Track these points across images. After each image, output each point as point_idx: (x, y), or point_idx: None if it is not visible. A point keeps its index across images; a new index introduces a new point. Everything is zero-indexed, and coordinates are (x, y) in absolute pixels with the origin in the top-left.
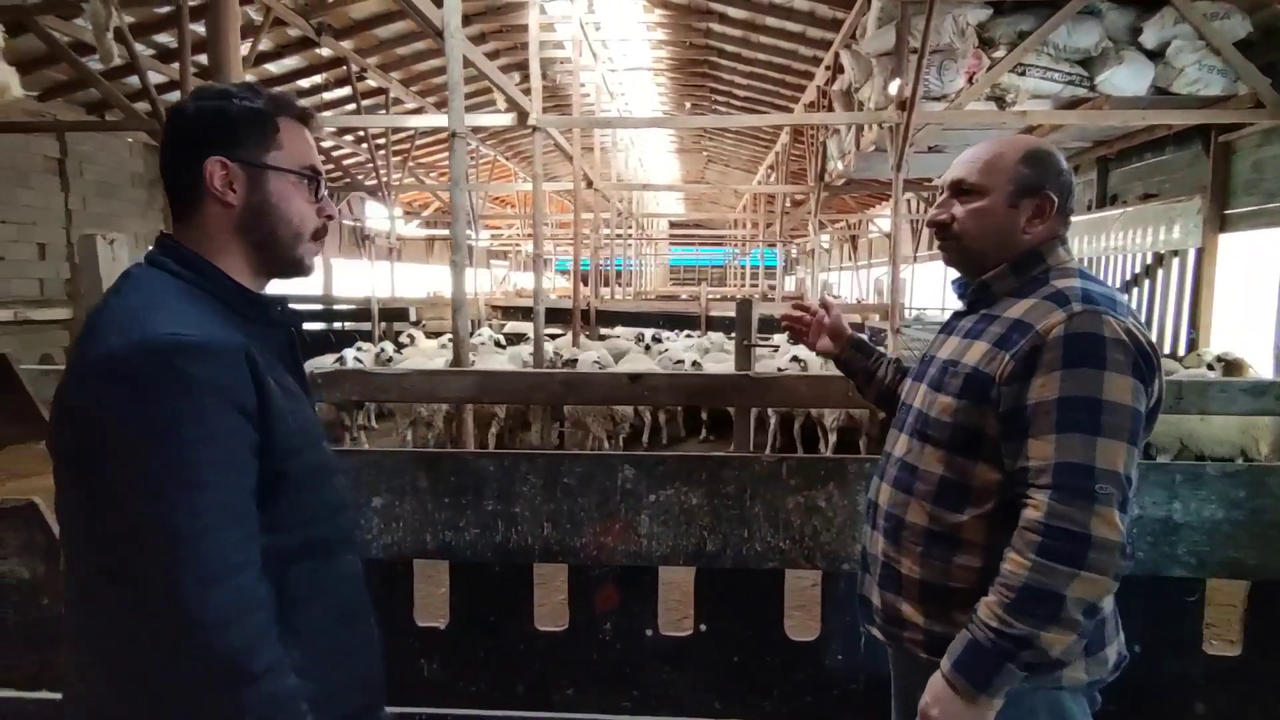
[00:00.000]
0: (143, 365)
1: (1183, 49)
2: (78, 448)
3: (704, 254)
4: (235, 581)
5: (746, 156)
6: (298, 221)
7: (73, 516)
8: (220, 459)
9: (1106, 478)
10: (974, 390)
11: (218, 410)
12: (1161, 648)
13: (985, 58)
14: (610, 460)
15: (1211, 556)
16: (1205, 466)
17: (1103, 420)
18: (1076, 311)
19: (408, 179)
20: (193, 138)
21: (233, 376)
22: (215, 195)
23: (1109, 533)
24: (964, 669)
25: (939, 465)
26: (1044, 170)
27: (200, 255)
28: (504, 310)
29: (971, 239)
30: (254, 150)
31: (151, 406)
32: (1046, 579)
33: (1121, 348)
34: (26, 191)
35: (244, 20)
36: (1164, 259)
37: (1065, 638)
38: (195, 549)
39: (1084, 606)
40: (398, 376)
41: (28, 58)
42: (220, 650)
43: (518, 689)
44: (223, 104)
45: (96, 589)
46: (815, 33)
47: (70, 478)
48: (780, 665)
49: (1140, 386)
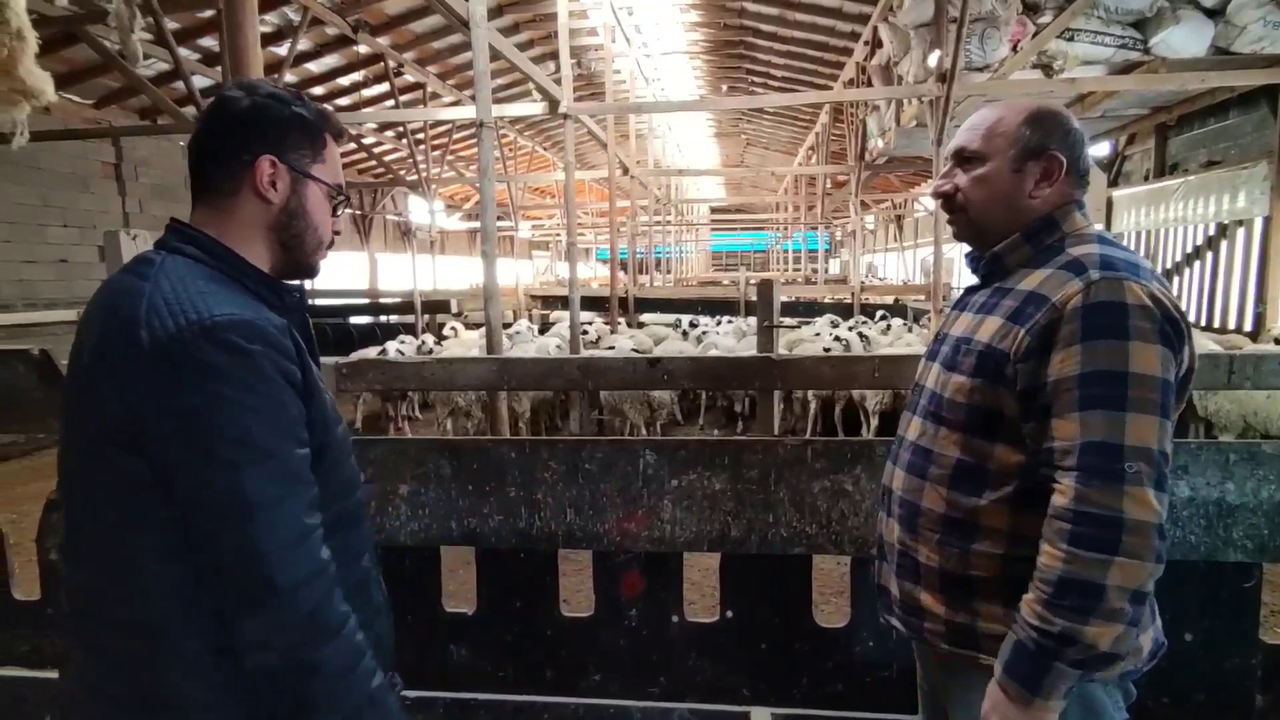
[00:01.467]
0: (205, 346)
1: (1245, 4)
2: (138, 430)
3: (746, 239)
4: (309, 544)
5: (786, 138)
6: (323, 230)
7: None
8: (284, 430)
9: (1137, 455)
10: (988, 368)
11: (276, 385)
12: (1216, 637)
13: (1030, 24)
14: (631, 446)
15: (1271, 540)
16: (1262, 445)
17: (1130, 394)
18: (1095, 280)
19: (447, 173)
20: (247, 132)
21: (283, 354)
22: (259, 190)
23: (1143, 513)
24: (1014, 673)
25: (955, 448)
26: (1048, 130)
27: (221, 243)
28: (543, 300)
29: (977, 208)
30: (302, 157)
31: (217, 384)
32: (1082, 569)
33: (1146, 314)
34: (86, 196)
35: (283, 20)
36: (1228, 229)
37: (1112, 629)
38: (271, 516)
39: (1128, 594)
40: (417, 365)
41: (82, 67)
42: (304, 608)
43: (545, 674)
44: (280, 107)
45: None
46: (852, 7)
47: (120, 462)
48: (810, 652)
49: (1169, 354)
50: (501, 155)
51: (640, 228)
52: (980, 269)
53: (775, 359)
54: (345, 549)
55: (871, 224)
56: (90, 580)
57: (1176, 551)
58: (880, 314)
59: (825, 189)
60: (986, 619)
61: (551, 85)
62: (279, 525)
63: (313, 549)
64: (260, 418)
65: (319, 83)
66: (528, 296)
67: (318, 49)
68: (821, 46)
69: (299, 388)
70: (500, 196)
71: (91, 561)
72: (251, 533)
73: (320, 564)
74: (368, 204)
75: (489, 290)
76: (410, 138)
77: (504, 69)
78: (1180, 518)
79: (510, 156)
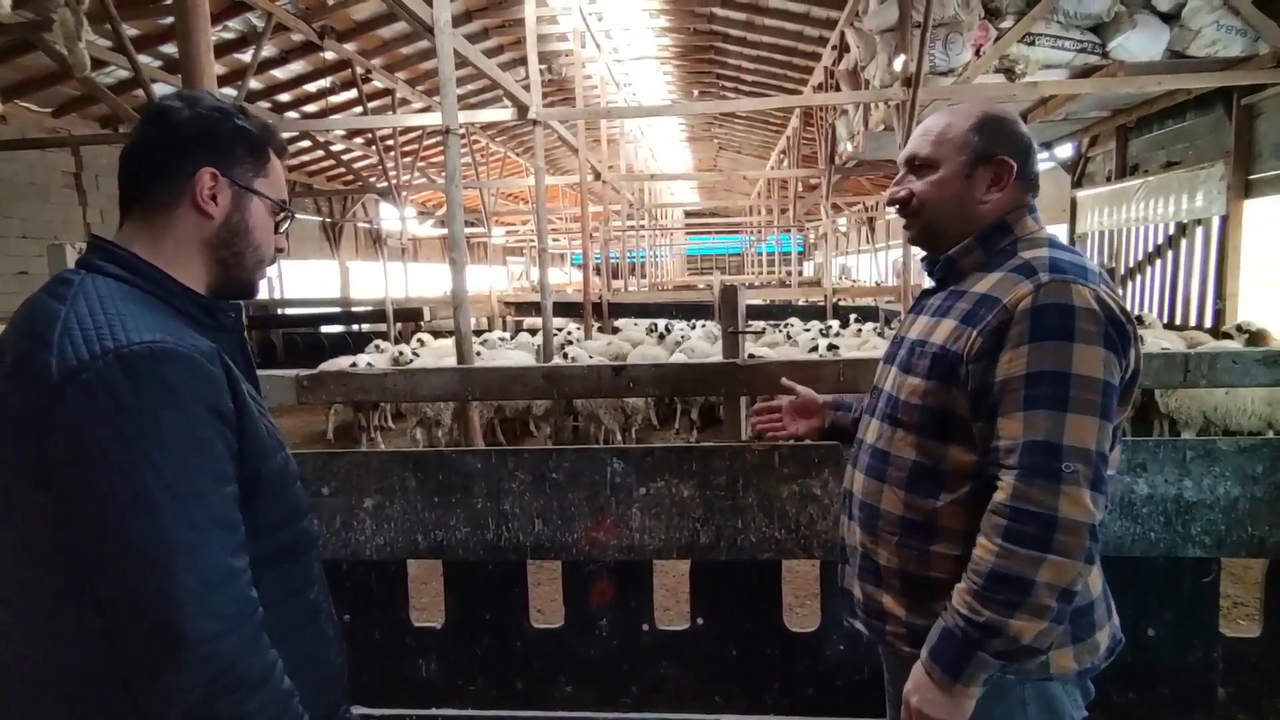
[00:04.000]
0: (122, 376)
1: (1199, 9)
2: (46, 464)
3: (720, 242)
4: (230, 589)
5: (758, 142)
6: (264, 248)
7: (21, 537)
8: (209, 467)
9: (1074, 455)
10: (942, 370)
11: (202, 418)
12: (1177, 631)
13: (992, 29)
14: (598, 454)
15: (1228, 535)
16: (1218, 442)
17: (1071, 395)
18: (1044, 282)
19: (418, 179)
20: (187, 143)
21: (210, 382)
22: (198, 204)
23: (1077, 514)
24: (938, 657)
25: (911, 450)
26: (996, 136)
27: (143, 259)
28: (516, 306)
29: (931, 213)
30: (245, 172)
31: (136, 417)
32: (1013, 564)
33: (1091, 317)
34: (46, 206)
35: (246, 27)
36: (1187, 228)
37: (1035, 625)
38: (186, 561)
39: (1055, 592)
40: (379, 377)
41: (39, 74)
42: (223, 659)
43: (516, 687)
44: (222, 119)
45: (61, 610)
46: (820, 12)
47: (25, 496)
48: (780, 657)
49: (1113, 357)
50: (473, 161)
51: (614, 233)
52: (935, 272)
53: (740, 364)
54: (287, 581)
55: (844, 226)
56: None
57: (1137, 548)
58: (853, 316)
59: (797, 192)
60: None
61: (520, 91)
62: (194, 571)
63: (234, 594)
64: (177, 455)
65: (285, 89)
66: (501, 303)
67: (283, 55)
68: (790, 51)
69: (227, 417)
70: (472, 202)
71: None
72: (163, 580)
73: (243, 609)
74: (338, 211)
75: (458, 297)
76: (379, 144)
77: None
78: (1140, 515)
79: (482, 162)
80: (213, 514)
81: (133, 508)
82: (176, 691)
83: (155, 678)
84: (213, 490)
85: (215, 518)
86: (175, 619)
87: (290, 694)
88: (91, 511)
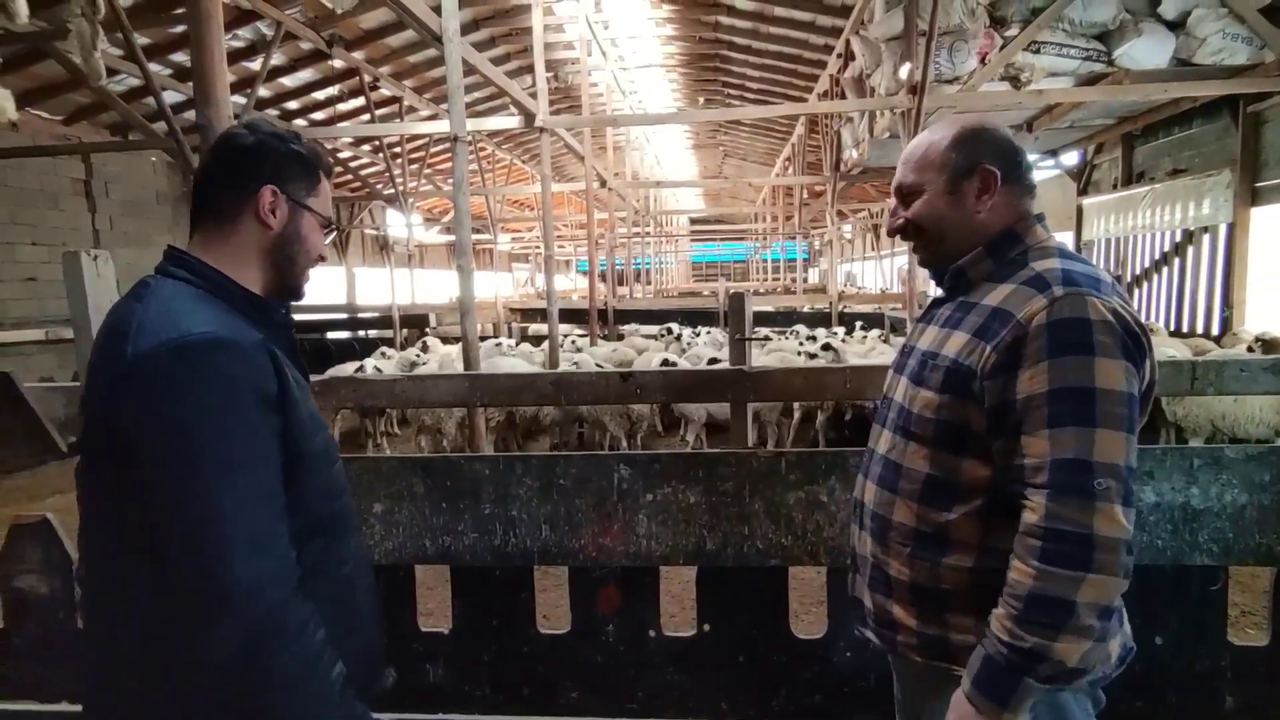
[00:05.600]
0: (182, 363)
1: (1205, 17)
2: (118, 442)
3: (725, 249)
4: (274, 550)
5: (763, 149)
6: (313, 256)
7: (105, 509)
8: (254, 444)
9: (1106, 471)
10: (956, 384)
11: (249, 401)
12: (1185, 639)
13: (997, 37)
14: (605, 460)
15: (1235, 543)
16: (1225, 449)
17: (1098, 410)
18: (1059, 296)
19: (425, 186)
20: (252, 165)
21: (259, 369)
22: (260, 217)
23: (1113, 530)
24: (983, 687)
25: (924, 462)
26: (974, 147)
27: (209, 265)
28: (522, 313)
29: (932, 233)
30: (300, 190)
31: (193, 400)
32: (1053, 586)
33: (1109, 329)
34: (56, 213)
35: (256, 35)
36: (1194, 236)
37: (1081, 645)
38: (238, 524)
39: (1097, 610)
40: (389, 382)
41: (51, 82)
42: (259, 611)
43: (523, 692)
44: (281, 144)
45: (133, 572)
46: (825, 20)
47: (106, 472)
48: (787, 663)
49: (1132, 368)
50: (479, 168)
51: (619, 239)
52: (945, 282)
53: (747, 371)
54: (325, 555)
55: (849, 233)
56: (89, 590)
57: (1145, 556)
58: (859, 324)
59: (802, 199)
60: (958, 630)
61: (527, 99)
62: (238, 534)
63: (274, 555)
64: (226, 431)
65: (294, 97)
66: (507, 309)
67: (292, 64)
68: (796, 59)
69: (271, 400)
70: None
71: (94, 572)
72: (213, 541)
73: (281, 569)
74: (345, 218)
75: (465, 304)
76: (387, 152)
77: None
78: (1147, 523)
79: (488, 169)
80: (257, 484)
81: (188, 477)
82: (222, 637)
83: (205, 626)
84: (257, 463)
85: (259, 487)
86: (223, 574)
87: (323, 646)
88: (153, 481)
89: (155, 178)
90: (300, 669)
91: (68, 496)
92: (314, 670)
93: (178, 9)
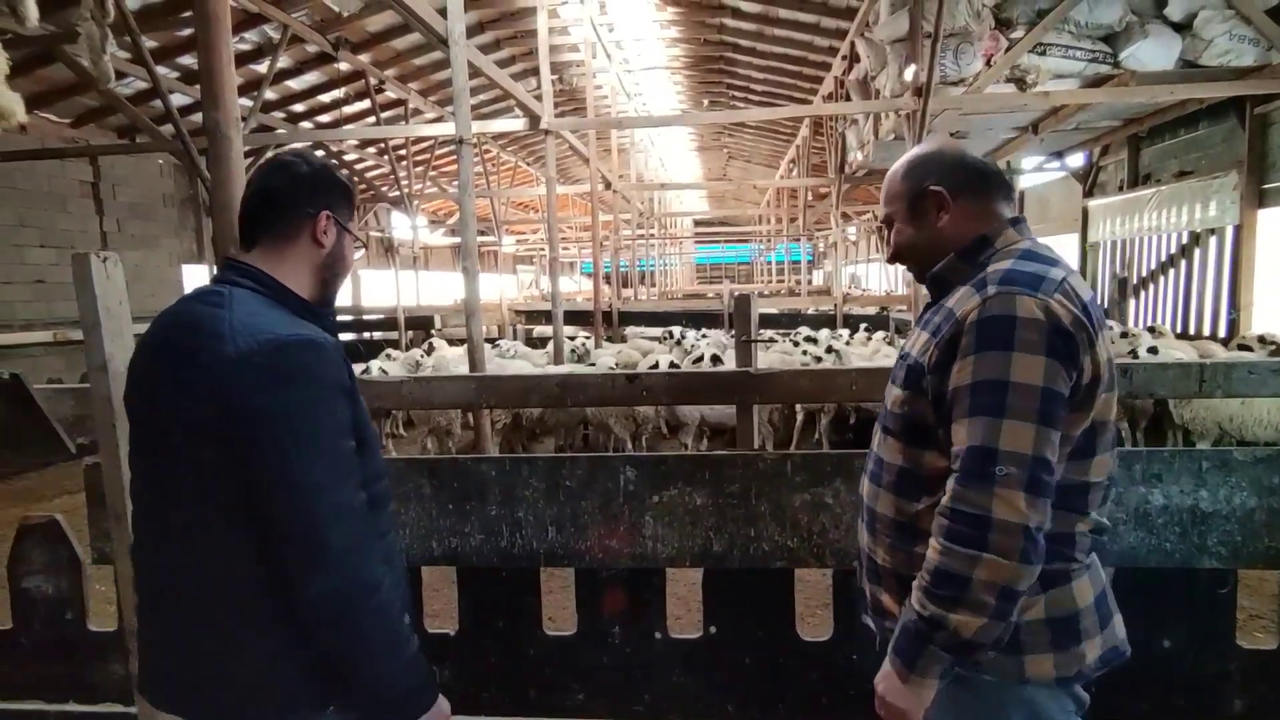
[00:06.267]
0: (282, 359)
1: (1211, 19)
2: (224, 425)
3: (730, 251)
4: (356, 518)
5: (768, 151)
6: (348, 271)
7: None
8: (339, 427)
9: (1008, 459)
10: (913, 380)
11: (334, 391)
12: (1193, 642)
13: (1003, 39)
14: (611, 462)
15: (1244, 546)
16: (1233, 452)
17: (1008, 402)
18: (990, 295)
19: (430, 188)
20: (310, 192)
21: (338, 366)
22: (316, 237)
23: (1010, 515)
24: (898, 649)
25: (898, 456)
26: (920, 174)
27: (271, 276)
28: (526, 315)
29: (911, 256)
30: (345, 215)
31: (291, 390)
32: (952, 562)
33: (1034, 327)
34: (64, 216)
35: (262, 38)
36: (1201, 238)
37: (975, 620)
38: (329, 496)
39: (993, 590)
40: (395, 384)
41: (59, 85)
42: (352, 567)
43: (529, 694)
44: (331, 175)
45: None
46: (830, 22)
47: (208, 452)
48: (794, 666)
49: (1056, 365)
50: (484, 170)
51: (623, 241)
52: (929, 289)
53: (754, 373)
54: (377, 525)
55: (854, 235)
56: (173, 560)
57: (1153, 558)
58: (864, 326)
59: (807, 201)
60: None
61: (532, 101)
62: (334, 503)
63: (359, 521)
64: (321, 417)
65: (300, 100)
66: (511, 311)
67: (298, 66)
68: (800, 61)
69: (350, 392)
70: (483, 211)
71: (174, 542)
72: (313, 508)
73: (363, 532)
74: None
75: (471, 306)
76: (392, 154)
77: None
78: (1155, 525)
79: (493, 171)
80: (343, 461)
81: (292, 455)
82: (320, 593)
83: (303, 581)
84: (343, 443)
85: (345, 464)
86: (321, 536)
87: (395, 599)
88: (261, 458)
89: (162, 180)
90: (381, 620)
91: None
92: (390, 619)
93: (185, 12)
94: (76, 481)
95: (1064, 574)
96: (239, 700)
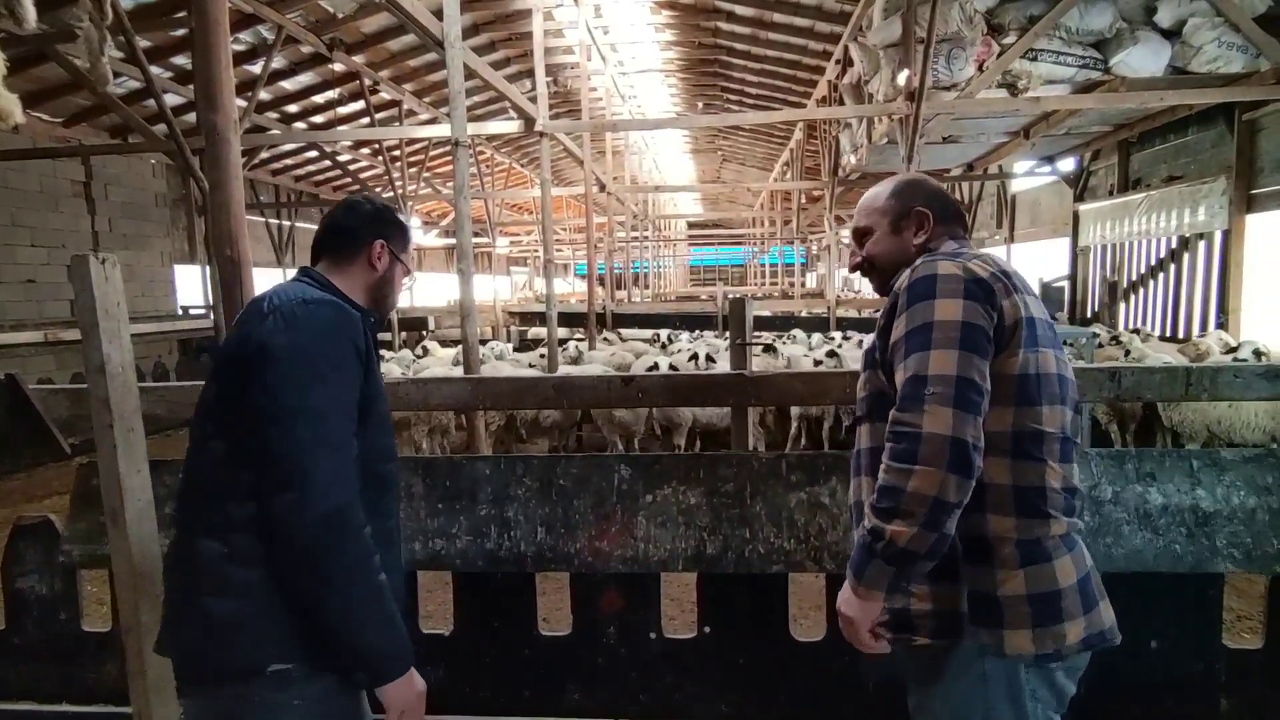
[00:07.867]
0: (304, 310)
1: (1200, 26)
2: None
3: (723, 254)
4: (347, 454)
5: (762, 154)
6: (398, 294)
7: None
8: (343, 375)
9: (936, 381)
10: (868, 358)
11: (346, 344)
12: (1178, 643)
13: (995, 44)
14: (606, 461)
15: (1234, 547)
16: (1222, 452)
17: (933, 337)
18: (916, 265)
19: (424, 189)
20: (371, 224)
21: (355, 326)
22: (371, 261)
23: (938, 427)
24: (851, 563)
25: (868, 439)
26: (910, 195)
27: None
28: (521, 316)
29: (881, 265)
30: (399, 247)
31: (306, 332)
32: (891, 478)
33: (952, 280)
34: (55, 215)
35: (257, 39)
36: (1190, 242)
37: (908, 529)
38: (318, 424)
39: (924, 501)
40: (392, 385)
41: (52, 85)
42: (331, 501)
43: (524, 695)
44: (391, 214)
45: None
46: (824, 27)
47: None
48: (788, 667)
49: (975, 305)
50: (479, 172)
51: (618, 243)
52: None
53: (749, 375)
54: (377, 505)
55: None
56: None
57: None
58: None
59: (800, 204)
60: (917, 599)
61: (527, 103)
62: (321, 432)
63: (346, 458)
64: (324, 361)
65: (294, 100)
66: (505, 313)
67: (292, 67)
68: (794, 65)
69: (361, 354)
70: (478, 213)
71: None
72: (299, 431)
73: (350, 472)
74: None
75: (465, 307)
76: (386, 155)
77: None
78: (1158, 525)
79: (488, 173)
80: (340, 403)
81: (292, 387)
82: (303, 521)
83: (274, 499)
84: (343, 389)
85: (342, 406)
86: (308, 464)
87: (375, 550)
88: (264, 384)
89: (155, 180)
90: (354, 563)
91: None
92: (366, 566)
93: (179, 12)
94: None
95: (1043, 550)
96: (210, 636)
